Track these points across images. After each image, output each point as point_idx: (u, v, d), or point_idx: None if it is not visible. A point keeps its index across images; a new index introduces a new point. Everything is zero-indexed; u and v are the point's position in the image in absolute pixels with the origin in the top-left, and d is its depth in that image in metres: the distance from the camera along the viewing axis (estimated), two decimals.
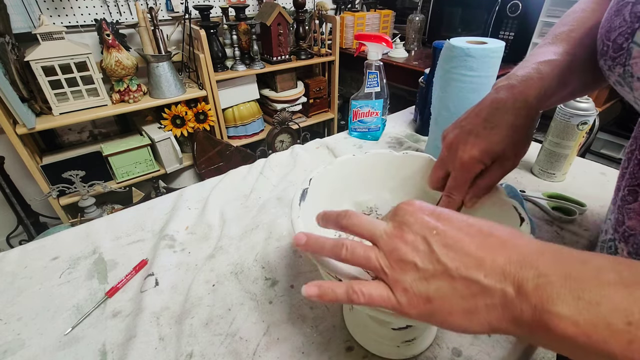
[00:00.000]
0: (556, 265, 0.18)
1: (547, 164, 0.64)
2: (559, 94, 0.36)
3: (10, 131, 1.12)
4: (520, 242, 0.21)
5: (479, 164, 0.33)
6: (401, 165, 0.43)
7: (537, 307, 0.18)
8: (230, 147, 1.64)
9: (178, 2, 1.49)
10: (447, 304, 0.21)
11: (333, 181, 0.40)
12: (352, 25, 1.82)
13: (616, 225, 0.33)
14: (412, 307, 0.21)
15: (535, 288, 0.18)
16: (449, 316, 0.21)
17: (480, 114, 0.34)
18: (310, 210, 0.34)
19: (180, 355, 0.37)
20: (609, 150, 1.45)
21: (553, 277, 0.18)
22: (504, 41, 0.54)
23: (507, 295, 0.19)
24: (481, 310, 0.20)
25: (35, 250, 0.52)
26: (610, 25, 0.29)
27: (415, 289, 0.21)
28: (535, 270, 0.19)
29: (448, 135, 0.36)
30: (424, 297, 0.21)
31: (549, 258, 0.19)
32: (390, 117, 0.93)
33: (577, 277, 0.18)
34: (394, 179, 0.43)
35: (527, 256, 0.19)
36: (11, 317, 0.42)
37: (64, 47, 1.16)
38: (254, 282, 0.45)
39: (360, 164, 0.42)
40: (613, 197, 0.35)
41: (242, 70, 1.55)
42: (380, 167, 0.43)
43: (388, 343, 0.37)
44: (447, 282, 0.21)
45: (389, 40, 0.73)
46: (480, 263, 0.20)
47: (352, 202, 0.43)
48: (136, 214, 0.59)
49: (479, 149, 0.33)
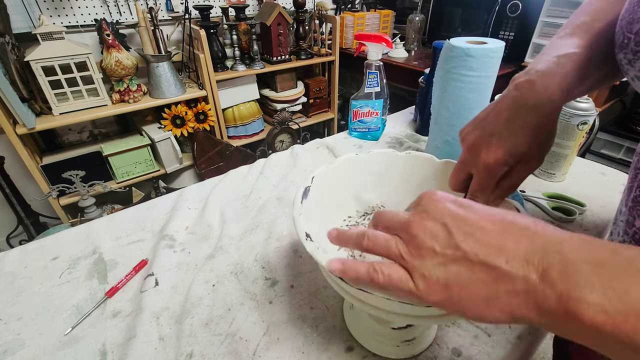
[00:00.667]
0: (584, 252, 0.18)
1: (547, 164, 0.64)
2: (579, 88, 0.35)
3: (10, 131, 1.12)
4: (545, 229, 0.20)
5: (504, 167, 0.32)
6: (404, 165, 0.43)
7: (564, 294, 0.17)
8: (230, 147, 1.64)
9: (178, 2, 1.49)
10: (466, 290, 0.20)
11: (335, 180, 0.40)
12: (352, 25, 1.82)
13: (626, 227, 0.32)
14: (430, 293, 0.21)
15: (562, 274, 0.17)
16: (468, 302, 0.20)
17: (502, 115, 0.33)
18: (312, 208, 0.34)
19: (180, 355, 0.37)
20: (609, 150, 1.45)
21: (581, 264, 0.17)
22: (504, 41, 0.54)
23: (530, 281, 0.18)
24: (502, 297, 0.19)
25: (35, 250, 0.51)
26: (633, 17, 0.28)
27: (433, 275, 0.21)
28: (562, 256, 0.18)
29: (468, 136, 0.35)
30: (442, 282, 0.21)
31: (576, 244, 0.18)
32: (390, 117, 0.93)
33: (606, 265, 0.17)
34: (396, 179, 0.43)
35: (553, 242, 0.19)
36: (11, 317, 0.42)
37: (64, 47, 1.16)
38: (254, 282, 0.45)
39: (363, 163, 0.42)
40: (624, 199, 0.34)
41: (242, 70, 1.55)
42: (383, 167, 0.43)
43: (388, 342, 0.37)
44: (466, 268, 0.20)
45: (389, 40, 0.73)
46: (501, 249, 0.20)
47: (354, 201, 0.43)
48: (136, 214, 0.59)
49: (504, 151, 0.32)
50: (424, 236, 0.22)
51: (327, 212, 0.40)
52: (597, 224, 0.55)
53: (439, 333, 0.39)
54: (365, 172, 0.43)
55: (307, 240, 0.29)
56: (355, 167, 0.42)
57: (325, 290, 0.44)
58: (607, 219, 0.56)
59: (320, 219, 0.37)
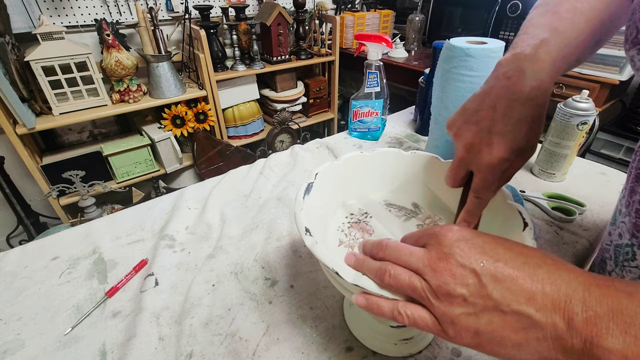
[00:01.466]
0: (603, 298, 0.19)
1: (547, 164, 0.64)
2: (562, 70, 0.34)
3: (10, 131, 1.12)
4: (568, 274, 0.21)
5: (507, 163, 0.31)
6: (408, 164, 0.43)
7: (587, 340, 0.18)
8: (230, 147, 1.64)
9: (178, 2, 1.49)
10: (497, 336, 0.21)
11: (338, 177, 0.40)
12: (352, 25, 1.82)
13: (634, 230, 0.32)
14: (459, 339, 0.22)
15: (585, 322, 0.19)
16: (498, 347, 0.21)
17: (497, 108, 0.31)
18: (314, 204, 0.34)
19: (180, 355, 0.37)
20: (609, 150, 1.45)
21: (601, 311, 0.19)
22: (504, 41, 0.54)
23: (558, 328, 0.19)
24: (531, 342, 0.20)
25: (35, 250, 0.52)
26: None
27: (463, 322, 0.21)
28: (584, 304, 0.19)
29: (461, 132, 0.33)
30: (473, 330, 0.21)
31: (596, 292, 0.19)
32: (390, 117, 0.93)
33: (623, 311, 0.18)
34: (400, 178, 0.44)
35: (576, 290, 0.20)
36: (11, 317, 0.42)
37: (64, 47, 1.16)
38: (254, 282, 0.45)
39: (367, 162, 0.42)
40: (626, 200, 0.34)
41: (242, 70, 1.55)
42: (386, 166, 0.43)
43: (386, 340, 0.37)
44: (498, 317, 0.21)
45: (389, 40, 0.73)
46: (531, 296, 0.20)
47: (357, 199, 0.43)
48: (136, 214, 0.59)
49: (506, 148, 0.30)
50: (454, 284, 0.22)
51: (331, 208, 0.40)
52: (597, 224, 0.55)
53: None
54: (368, 171, 0.43)
55: (307, 235, 0.29)
56: (359, 165, 0.42)
57: (325, 290, 0.44)
58: (607, 219, 0.56)
59: (322, 215, 0.37)
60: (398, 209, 0.42)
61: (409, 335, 0.36)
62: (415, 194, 0.44)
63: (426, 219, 0.41)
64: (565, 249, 0.50)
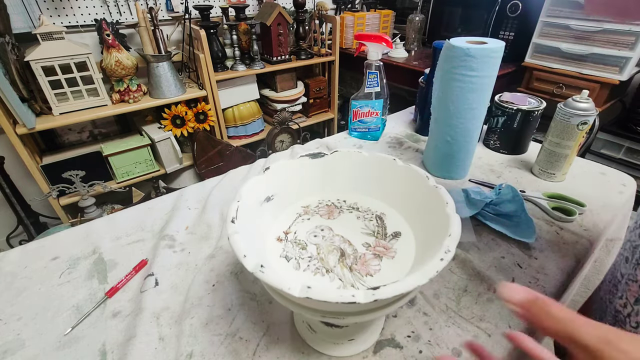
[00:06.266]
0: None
1: (547, 164, 0.64)
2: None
3: (10, 131, 1.12)
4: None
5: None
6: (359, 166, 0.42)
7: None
8: (230, 147, 1.64)
9: (178, 2, 1.49)
10: None
11: (268, 189, 0.39)
12: (352, 25, 1.82)
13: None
14: None
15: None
16: None
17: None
18: (245, 226, 0.32)
19: (180, 355, 0.37)
20: (609, 150, 1.45)
21: None
22: (504, 41, 0.54)
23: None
24: None
25: (35, 250, 0.52)
26: None
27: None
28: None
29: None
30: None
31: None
32: (390, 117, 0.93)
33: None
34: (331, 183, 0.43)
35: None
36: (11, 317, 0.42)
37: (64, 47, 1.15)
38: (254, 282, 0.45)
39: (294, 170, 0.41)
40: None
41: (242, 70, 1.55)
42: (314, 172, 0.42)
43: (328, 339, 0.37)
44: None
45: (389, 40, 0.73)
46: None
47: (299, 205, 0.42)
48: (136, 214, 0.59)
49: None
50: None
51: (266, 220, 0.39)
52: (597, 223, 0.55)
53: (439, 333, 0.39)
54: (297, 179, 0.42)
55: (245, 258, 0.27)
56: (287, 173, 0.41)
57: None
58: (607, 219, 0.56)
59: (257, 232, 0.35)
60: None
61: (351, 336, 0.37)
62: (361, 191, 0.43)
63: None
64: (566, 249, 0.50)
